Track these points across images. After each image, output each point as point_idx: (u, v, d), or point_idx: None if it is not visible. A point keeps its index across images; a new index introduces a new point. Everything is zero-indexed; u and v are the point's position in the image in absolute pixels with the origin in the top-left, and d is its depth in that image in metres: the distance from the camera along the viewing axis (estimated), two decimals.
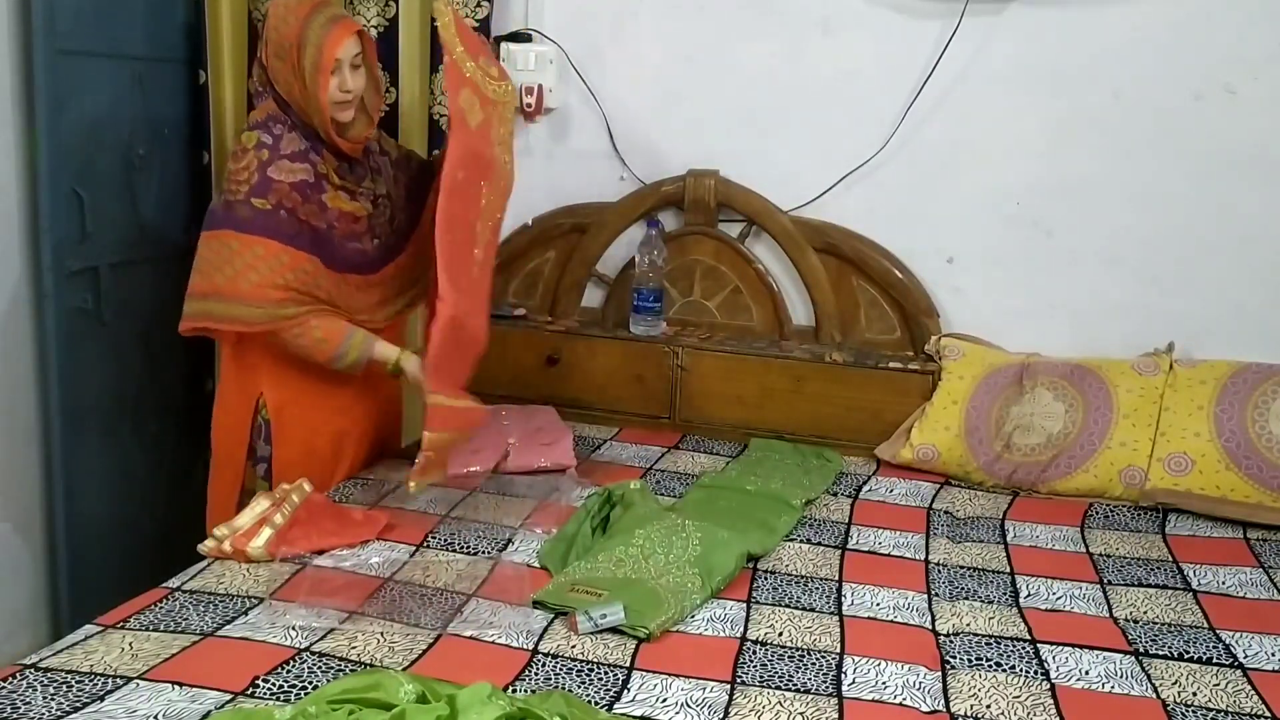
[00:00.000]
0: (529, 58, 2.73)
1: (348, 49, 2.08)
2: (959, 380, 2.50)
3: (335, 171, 2.14)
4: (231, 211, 2.06)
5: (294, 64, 2.07)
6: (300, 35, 2.05)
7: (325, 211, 2.12)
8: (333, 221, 2.13)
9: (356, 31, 2.11)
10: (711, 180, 2.69)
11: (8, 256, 2.30)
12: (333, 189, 2.14)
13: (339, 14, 2.12)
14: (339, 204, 2.15)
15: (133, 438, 2.64)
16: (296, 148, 2.10)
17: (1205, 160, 2.45)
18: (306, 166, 2.10)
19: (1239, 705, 1.55)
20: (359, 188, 2.20)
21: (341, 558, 1.89)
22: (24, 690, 1.42)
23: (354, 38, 2.10)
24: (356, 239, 2.19)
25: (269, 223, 2.05)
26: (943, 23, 2.53)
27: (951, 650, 1.67)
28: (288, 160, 2.08)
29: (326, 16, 2.08)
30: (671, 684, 1.54)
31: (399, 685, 1.36)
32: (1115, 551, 2.09)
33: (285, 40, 2.07)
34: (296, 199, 2.07)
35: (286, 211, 2.06)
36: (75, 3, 2.34)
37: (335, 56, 2.06)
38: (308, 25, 2.06)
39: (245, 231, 2.04)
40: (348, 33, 2.08)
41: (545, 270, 2.86)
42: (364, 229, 2.20)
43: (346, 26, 2.09)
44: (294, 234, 2.07)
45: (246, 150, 2.09)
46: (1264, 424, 2.28)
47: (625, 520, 2.01)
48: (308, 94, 2.07)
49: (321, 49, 2.05)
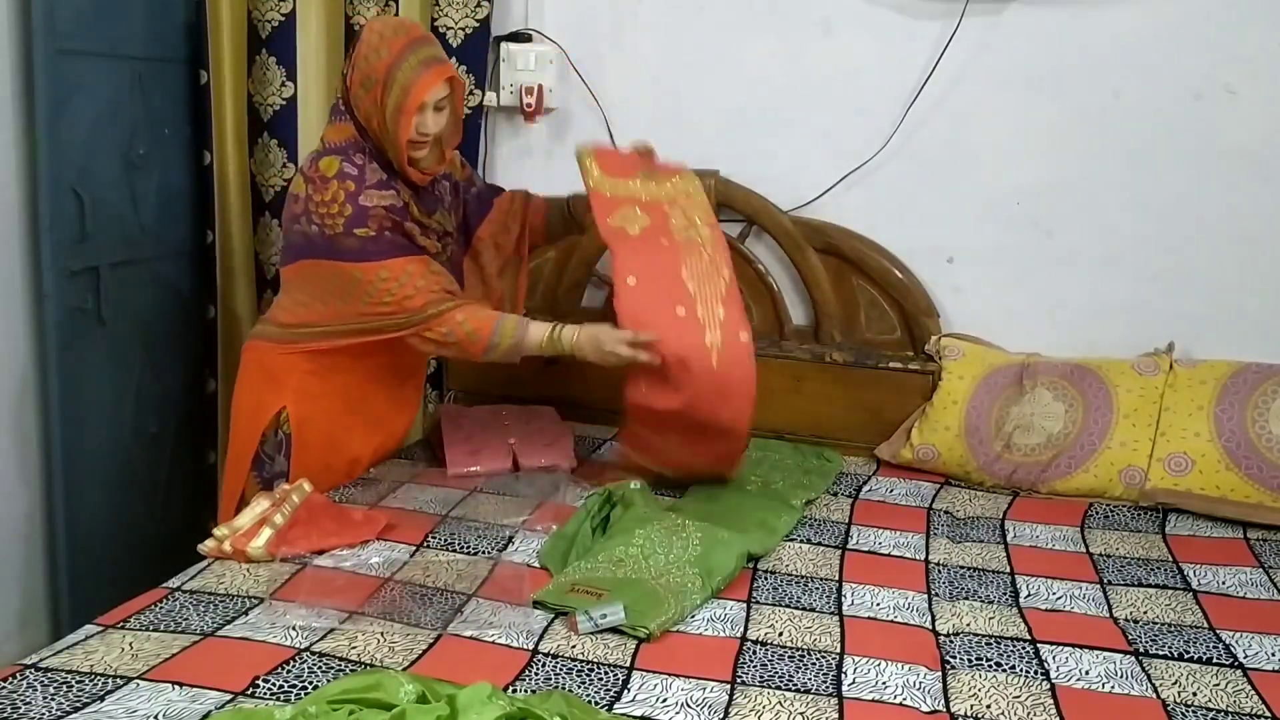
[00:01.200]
0: (529, 58, 2.73)
1: (435, 93, 2.03)
2: (959, 380, 2.50)
3: (413, 203, 2.12)
4: (336, 244, 2.04)
5: (378, 99, 2.02)
6: (389, 72, 2.00)
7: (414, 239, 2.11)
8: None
9: (450, 77, 2.06)
10: (711, 180, 2.68)
11: (8, 256, 2.30)
12: (411, 220, 2.11)
13: (433, 56, 2.05)
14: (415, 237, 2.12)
15: (133, 438, 2.64)
16: (380, 177, 2.08)
17: (1205, 160, 2.45)
18: (392, 193, 2.08)
19: (1239, 705, 1.55)
20: (430, 221, 2.16)
21: (341, 558, 1.89)
22: (24, 690, 1.42)
23: (444, 84, 2.04)
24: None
25: (380, 246, 2.04)
26: (943, 23, 2.53)
27: (951, 650, 1.67)
28: (375, 190, 2.06)
29: (420, 58, 2.02)
30: (671, 684, 1.54)
31: (399, 685, 1.36)
32: (1115, 551, 2.09)
33: (374, 72, 2.02)
34: (394, 219, 2.06)
35: (389, 231, 2.05)
36: (75, 3, 2.34)
37: (422, 100, 2.01)
38: (399, 63, 2.00)
39: (364, 260, 2.03)
40: (439, 78, 2.02)
41: (545, 270, 2.86)
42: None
43: (439, 72, 2.03)
44: (405, 245, 2.07)
45: (328, 180, 2.04)
46: (1264, 424, 2.28)
47: (625, 520, 2.01)
48: (386, 130, 2.04)
49: (409, 91, 1.99)
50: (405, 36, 2.03)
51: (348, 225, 2.02)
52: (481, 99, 2.74)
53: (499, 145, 2.86)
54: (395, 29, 2.06)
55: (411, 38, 2.04)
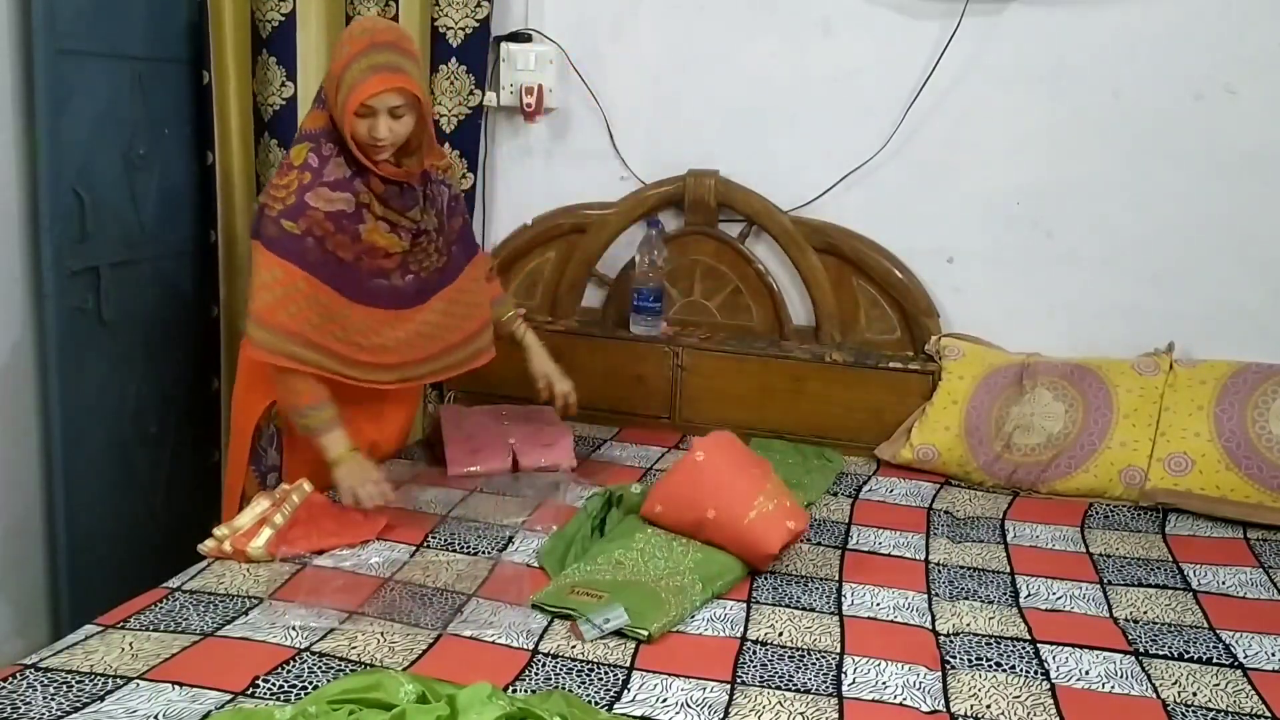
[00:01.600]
0: (529, 58, 2.73)
1: (384, 100, 1.98)
2: (959, 380, 2.50)
3: (379, 199, 2.06)
4: (262, 225, 2.03)
5: (334, 94, 2.01)
6: (343, 70, 1.98)
7: (355, 244, 2.05)
8: (361, 254, 2.06)
9: (397, 88, 1.97)
10: (711, 180, 2.69)
11: (8, 256, 2.30)
12: (373, 219, 2.06)
13: (386, 63, 1.98)
14: (374, 237, 2.06)
15: (133, 438, 2.64)
16: (341, 175, 2.03)
17: (1205, 160, 2.45)
18: (348, 196, 2.03)
19: (1239, 705, 1.55)
20: (402, 219, 2.10)
21: (341, 558, 1.89)
22: (24, 690, 1.42)
23: (394, 93, 1.97)
24: (384, 275, 2.11)
25: (295, 247, 2.00)
26: (943, 23, 2.53)
27: (951, 650, 1.67)
28: (328, 189, 2.02)
29: (371, 63, 1.97)
30: (671, 684, 1.54)
31: (399, 685, 1.36)
32: (1115, 551, 2.09)
33: (334, 67, 2.01)
34: (329, 228, 2.01)
35: (315, 240, 2.01)
36: (75, 3, 2.34)
37: (363, 103, 1.96)
38: (351, 64, 1.97)
39: (270, 250, 2.01)
40: (380, 86, 1.95)
41: (545, 270, 2.86)
42: (395, 265, 2.12)
43: (382, 80, 1.96)
44: (317, 263, 2.02)
45: (293, 168, 2.03)
46: (1264, 424, 2.28)
47: (625, 524, 2.01)
48: (341, 125, 2.02)
49: (351, 92, 1.96)
50: (368, 38, 1.99)
51: (282, 213, 2.01)
52: (481, 99, 2.74)
53: (499, 145, 2.86)
54: (365, 29, 2.03)
55: (374, 41, 1.99)
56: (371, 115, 1.99)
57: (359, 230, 2.04)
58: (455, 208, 2.28)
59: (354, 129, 2.00)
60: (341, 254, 2.04)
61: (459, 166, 2.76)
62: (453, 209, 2.26)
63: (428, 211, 2.16)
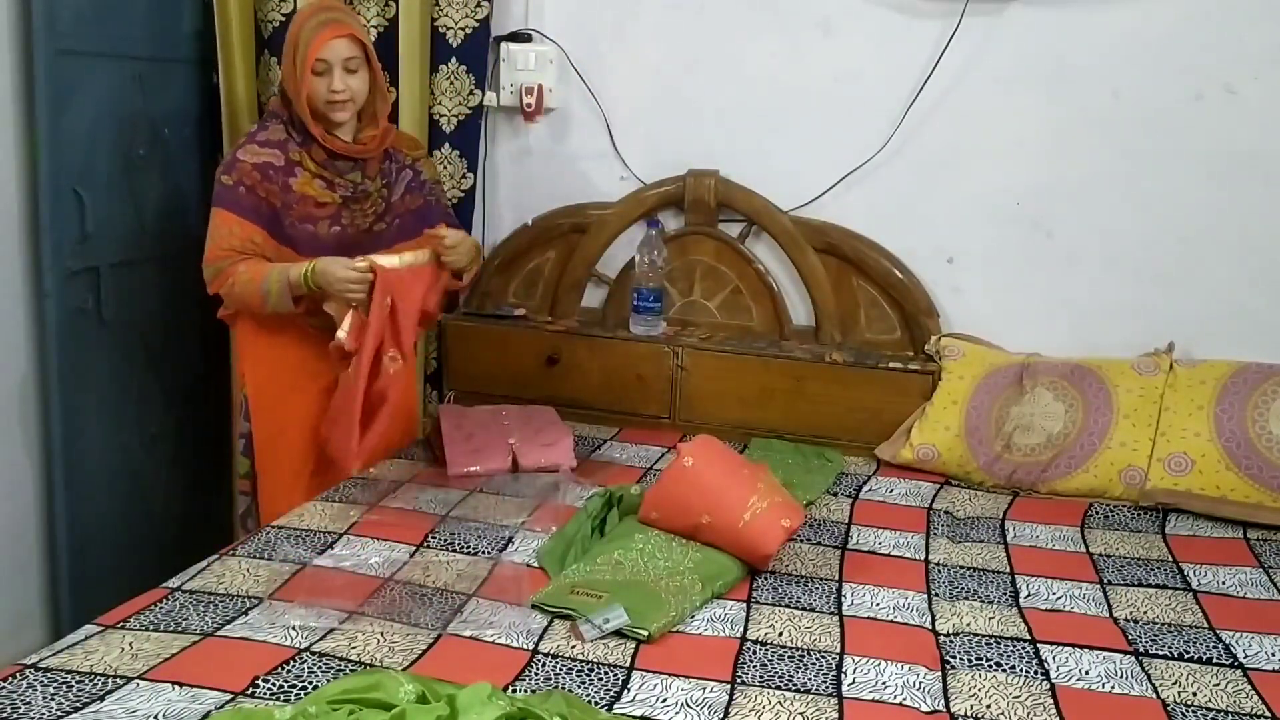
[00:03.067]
0: (529, 58, 2.73)
1: (336, 50, 2.15)
2: (959, 380, 2.50)
3: (314, 160, 2.23)
4: (214, 188, 2.23)
5: (291, 62, 2.18)
6: (296, 36, 2.16)
7: (287, 193, 2.21)
8: (292, 203, 2.22)
9: (349, 35, 2.16)
10: (711, 180, 2.69)
11: (8, 256, 2.30)
12: (307, 175, 2.23)
13: (333, 18, 2.19)
14: (307, 189, 2.22)
15: (133, 437, 2.64)
16: (275, 137, 2.23)
17: (1205, 160, 2.45)
18: (277, 153, 2.21)
19: (1239, 705, 1.55)
20: (340, 179, 2.26)
21: (341, 558, 1.89)
22: (24, 690, 1.42)
23: (346, 40, 2.16)
24: (312, 222, 2.24)
25: (229, 196, 2.19)
26: (943, 23, 2.53)
27: (951, 650, 1.67)
28: (257, 145, 2.22)
29: (319, 20, 2.17)
30: (671, 684, 1.54)
31: (399, 685, 1.36)
32: (1115, 551, 2.09)
33: (290, 39, 2.19)
34: (256, 177, 2.19)
35: (245, 188, 2.19)
36: (75, 3, 2.34)
37: (319, 56, 2.14)
38: (302, 28, 2.16)
39: (215, 205, 2.21)
40: (334, 34, 2.15)
41: (545, 270, 2.86)
42: (326, 214, 2.25)
43: (334, 28, 2.15)
44: (249, 208, 2.19)
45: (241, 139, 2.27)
46: (1264, 424, 2.28)
47: (625, 524, 2.01)
48: (298, 93, 2.17)
49: (308, 46, 2.14)
50: (315, 6, 2.21)
51: (219, 169, 2.23)
52: (481, 99, 2.74)
53: (499, 145, 2.86)
54: (313, 4, 2.24)
55: (321, 5, 2.21)
56: (328, 72, 2.16)
57: (289, 182, 2.21)
58: (416, 188, 2.39)
59: (312, 90, 2.16)
60: (273, 200, 2.21)
61: (459, 166, 2.76)
62: (412, 188, 2.38)
63: (375, 180, 2.30)
